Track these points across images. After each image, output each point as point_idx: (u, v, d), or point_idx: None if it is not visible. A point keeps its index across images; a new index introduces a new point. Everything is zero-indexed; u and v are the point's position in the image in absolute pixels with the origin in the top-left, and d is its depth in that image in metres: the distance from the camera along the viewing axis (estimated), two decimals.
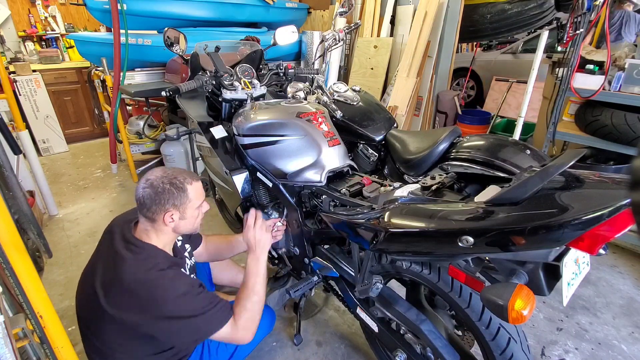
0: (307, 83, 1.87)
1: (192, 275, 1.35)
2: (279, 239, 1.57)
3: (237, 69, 1.62)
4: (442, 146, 1.36)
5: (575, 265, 0.82)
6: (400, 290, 1.40)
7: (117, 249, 1.10)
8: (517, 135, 2.50)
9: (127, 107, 3.65)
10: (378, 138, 1.65)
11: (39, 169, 2.65)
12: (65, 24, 4.49)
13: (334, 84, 1.83)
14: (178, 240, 1.42)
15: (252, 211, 1.46)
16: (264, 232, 1.41)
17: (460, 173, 1.20)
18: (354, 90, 1.82)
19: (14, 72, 3.70)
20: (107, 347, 1.13)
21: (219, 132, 1.57)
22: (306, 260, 1.55)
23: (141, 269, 1.06)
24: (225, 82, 1.54)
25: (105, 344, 1.13)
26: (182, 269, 1.23)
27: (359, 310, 1.40)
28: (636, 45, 2.22)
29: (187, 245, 1.43)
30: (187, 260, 1.36)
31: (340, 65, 3.59)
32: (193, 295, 1.09)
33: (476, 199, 0.90)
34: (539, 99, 3.37)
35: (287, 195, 1.45)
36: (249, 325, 1.19)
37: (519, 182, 0.75)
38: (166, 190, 1.09)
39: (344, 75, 3.67)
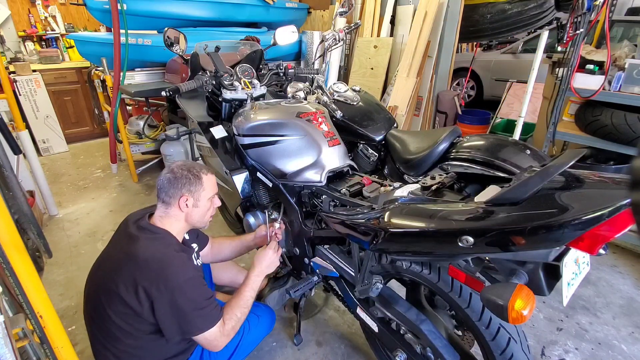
0: (307, 83, 1.87)
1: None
2: (279, 239, 1.58)
3: (237, 69, 1.62)
4: (442, 146, 1.36)
5: (575, 265, 0.82)
6: (400, 290, 1.40)
7: (131, 233, 1.16)
8: (517, 135, 2.50)
9: (127, 107, 3.65)
10: (378, 138, 1.65)
11: (39, 169, 2.65)
12: (65, 24, 4.49)
13: (334, 84, 1.83)
14: (186, 235, 1.43)
15: (275, 242, 1.49)
16: (277, 258, 1.46)
17: (460, 173, 1.20)
18: (354, 90, 1.82)
19: (14, 72, 3.70)
20: (116, 334, 1.13)
21: (219, 132, 1.58)
22: (306, 260, 1.55)
23: (157, 247, 1.12)
24: (225, 82, 1.54)
25: (113, 331, 1.13)
26: (190, 261, 1.26)
27: (359, 310, 1.40)
28: (636, 45, 2.22)
29: (194, 245, 1.44)
30: (194, 259, 1.37)
31: (340, 65, 3.59)
32: (199, 283, 1.14)
33: (476, 199, 0.90)
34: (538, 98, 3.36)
35: (287, 195, 1.45)
36: (231, 333, 1.21)
37: (519, 182, 0.74)
38: (184, 176, 1.20)
39: (344, 75, 3.67)
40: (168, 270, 1.08)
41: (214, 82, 1.57)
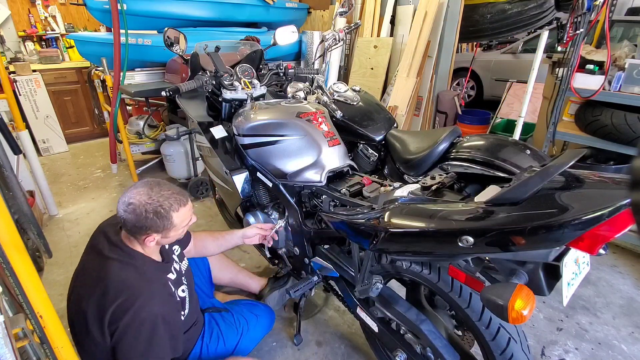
0: (307, 83, 1.87)
1: (179, 284, 1.27)
2: (276, 239, 1.59)
3: (237, 69, 1.62)
4: (442, 146, 1.36)
5: (575, 265, 0.82)
6: (400, 290, 1.40)
7: (103, 253, 1.10)
8: (517, 135, 2.50)
9: (127, 107, 3.64)
10: (378, 138, 1.65)
11: (39, 169, 2.64)
12: (65, 24, 4.49)
13: (334, 84, 1.83)
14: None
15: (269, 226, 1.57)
16: (257, 237, 1.52)
17: (460, 173, 1.20)
18: (354, 90, 1.82)
19: (14, 72, 3.69)
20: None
21: (219, 132, 1.58)
22: (306, 260, 1.55)
23: (128, 274, 1.06)
24: (225, 82, 1.55)
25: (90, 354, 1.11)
26: (170, 274, 1.22)
27: (359, 310, 1.40)
28: (636, 45, 2.22)
29: (175, 247, 1.37)
30: (175, 264, 1.30)
31: (340, 65, 3.59)
32: (166, 320, 1.08)
33: (476, 199, 0.90)
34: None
35: (287, 195, 1.45)
36: None
37: (519, 182, 0.74)
38: (149, 219, 1.04)
39: (344, 75, 3.67)
40: (136, 302, 1.02)
41: (214, 82, 1.57)
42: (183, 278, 1.31)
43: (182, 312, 1.23)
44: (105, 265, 1.07)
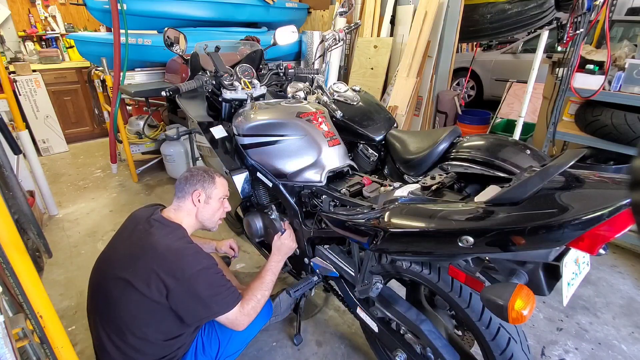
0: (307, 83, 1.87)
1: None
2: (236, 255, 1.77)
3: (237, 69, 1.62)
4: (442, 146, 1.36)
5: (575, 265, 0.82)
6: (400, 290, 1.40)
7: (145, 228, 1.22)
8: (517, 135, 2.50)
9: (127, 107, 3.64)
10: (378, 138, 1.65)
11: (39, 169, 2.65)
12: (65, 24, 4.49)
13: (334, 84, 1.83)
14: None
15: (288, 226, 1.55)
16: (293, 241, 1.52)
17: (460, 173, 1.20)
18: (354, 90, 1.82)
19: (14, 72, 3.69)
20: (122, 328, 1.16)
21: (219, 132, 1.58)
22: (306, 260, 1.55)
23: (171, 239, 1.19)
24: (225, 82, 1.54)
25: (123, 321, 1.15)
26: None
27: (359, 310, 1.40)
28: (636, 45, 2.22)
29: None
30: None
31: (340, 65, 3.59)
32: (213, 272, 1.19)
33: (476, 199, 0.90)
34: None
35: (287, 195, 1.45)
36: (252, 313, 1.28)
37: (519, 182, 0.74)
38: (199, 174, 1.34)
39: (344, 75, 3.67)
40: (183, 260, 1.14)
41: (214, 82, 1.57)
42: None
43: None
44: (149, 235, 1.19)
